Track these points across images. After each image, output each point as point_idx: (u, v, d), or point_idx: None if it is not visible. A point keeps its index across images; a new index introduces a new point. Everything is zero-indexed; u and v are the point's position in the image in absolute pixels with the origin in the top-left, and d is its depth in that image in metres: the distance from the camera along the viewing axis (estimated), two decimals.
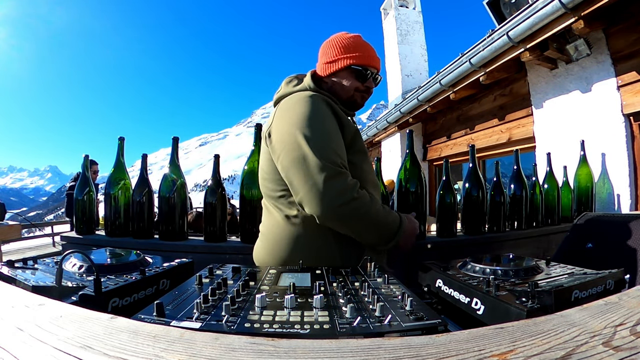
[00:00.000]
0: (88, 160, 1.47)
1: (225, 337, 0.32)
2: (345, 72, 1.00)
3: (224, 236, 1.31)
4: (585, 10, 1.75)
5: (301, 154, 0.83)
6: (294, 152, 0.84)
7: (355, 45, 1.00)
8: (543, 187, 1.73)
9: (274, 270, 0.73)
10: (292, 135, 0.85)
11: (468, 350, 0.29)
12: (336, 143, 0.87)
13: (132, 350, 0.29)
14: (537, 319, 0.36)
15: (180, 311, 0.46)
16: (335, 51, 1.01)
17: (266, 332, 0.41)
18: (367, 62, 0.99)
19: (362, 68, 0.99)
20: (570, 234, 1.12)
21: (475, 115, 3.36)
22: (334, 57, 1.01)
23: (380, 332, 0.42)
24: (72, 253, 0.59)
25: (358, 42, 1.01)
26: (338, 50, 1.00)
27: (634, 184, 1.95)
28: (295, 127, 0.85)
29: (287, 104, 0.93)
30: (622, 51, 1.94)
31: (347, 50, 1.00)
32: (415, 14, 5.40)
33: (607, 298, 0.40)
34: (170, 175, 1.32)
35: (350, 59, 0.99)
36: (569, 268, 0.71)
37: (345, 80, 1.00)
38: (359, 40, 1.02)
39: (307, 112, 0.87)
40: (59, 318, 0.36)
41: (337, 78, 1.01)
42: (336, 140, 0.88)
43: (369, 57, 1.00)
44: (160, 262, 0.79)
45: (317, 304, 0.49)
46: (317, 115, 0.87)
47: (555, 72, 2.33)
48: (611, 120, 1.99)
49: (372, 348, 0.29)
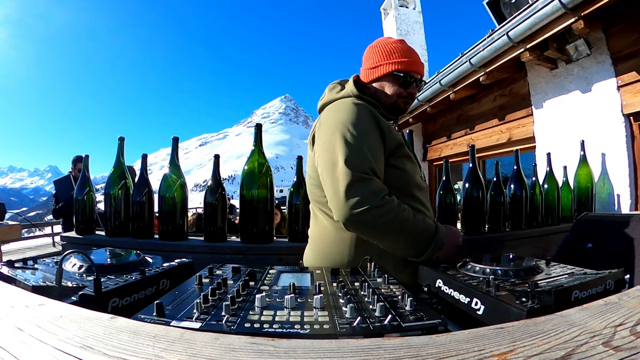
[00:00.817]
0: (88, 160, 1.47)
1: (225, 337, 0.32)
2: (388, 78, 1.00)
3: (224, 236, 1.31)
4: (585, 10, 1.75)
5: (333, 159, 0.85)
6: (327, 157, 0.86)
7: (398, 51, 0.99)
8: (543, 187, 1.73)
9: (274, 270, 0.73)
10: (330, 141, 0.87)
11: (468, 350, 0.29)
12: (370, 149, 0.86)
13: (132, 350, 0.29)
14: (537, 319, 0.36)
15: (180, 311, 0.46)
16: (378, 57, 1.00)
17: (266, 332, 0.41)
18: (410, 68, 0.98)
19: (405, 74, 0.98)
20: (570, 234, 1.12)
21: (475, 116, 3.36)
22: (377, 63, 1.00)
23: (380, 332, 0.42)
24: (72, 253, 0.59)
25: (401, 47, 1.00)
26: (381, 56, 1.00)
27: (634, 184, 1.95)
28: (333, 133, 0.87)
29: (330, 111, 0.95)
30: (622, 51, 1.94)
31: (389, 56, 0.99)
32: (415, 14, 5.40)
33: (607, 298, 0.40)
34: (170, 176, 1.32)
35: (393, 64, 0.98)
36: (569, 268, 0.71)
37: (388, 86, 1.00)
38: (402, 45, 1.01)
39: (347, 118, 0.88)
40: (59, 318, 0.36)
41: (380, 84, 1.01)
42: (371, 146, 0.87)
43: (412, 63, 0.99)
44: (160, 262, 0.79)
45: (317, 304, 0.49)
46: (356, 121, 0.88)
47: (555, 72, 2.33)
48: (611, 120, 1.99)
49: (372, 348, 0.29)
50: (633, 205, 1.94)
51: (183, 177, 1.35)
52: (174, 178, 1.32)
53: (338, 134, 0.86)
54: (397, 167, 0.94)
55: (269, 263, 0.92)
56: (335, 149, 0.85)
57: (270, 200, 1.28)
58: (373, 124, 0.90)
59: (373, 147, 0.88)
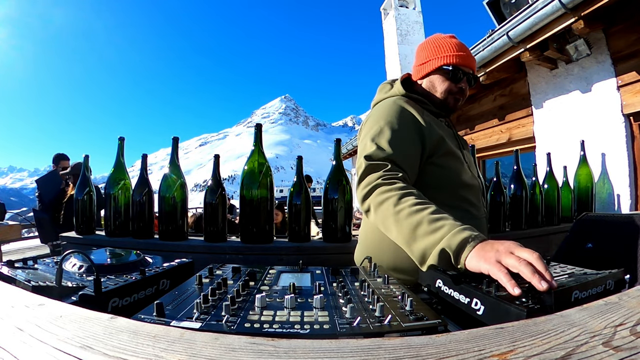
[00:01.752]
0: (88, 160, 1.47)
1: (225, 337, 0.32)
2: (437, 73, 0.98)
3: (224, 236, 1.31)
4: (585, 10, 1.75)
5: (359, 154, 0.88)
6: (358, 153, 0.89)
7: (446, 46, 0.96)
8: (543, 187, 1.73)
9: (274, 270, 0.73)
10: (363, 139, 0.91)
11: (468, 350, 0.29)
12: (393, 139, 0.85)
13: (132, 351, 0.29)
14: (537, 319, 0.36)
15: (180, 311, 0.46)
16: (426, 53, 0.99)
17: (266, 332, 0.41)
18: (458, 61, 0.95)
19: (455, 68, 0.95)
20: (570, 234, 1.12)
21: (475, 115, 3.36)
22: (425, 59, 0.99)
23: (380, 332, 0.41)
24: (72, 253, 0.59)
25: (449, 42, 0.97)
26: (429, 52, 0.98)
27: (634, 184, 1.95)
28: (367, 132, 0.90)
29: (372, 111, 0.97)
30: (622, 51, 1.94)
31: (437, 51, 0.97)
32: (415, 14, 5.40)
33: (607, 298, 0.40)
34: (170, 176, 1.32)
35: (441, 59, 0.96)
36: (569, 268, 0.71)
37: (438, 82, 0.98)
38: (450, 40, 0.98)
39: (381, 116, 0.90)
40: (59, 318, 0.36)
41: (430, 81, 1.00)
42: (398, 141, 0.85)
43: (461, 57, 0.95)
44: (160, 262, 0.79)
45: (317, 304, 0.49)
46: (389, 119, 0.88)
47: (555, 72, 2.33)
48: (611, 120, 1.99)
49: (372, 348, 0.29)
50: (633, 205, 1.94)
51: (183, 177, 1.35)
52: (174, 178, 1.32)
53: (371, 131, 0.88)
54: (439, 165, 0.91)
55: (269, 263, 0.92)
56: (365, 145, 0.87)
57: (270, 200, 1.28)
58: (409, 122, 0.89)
59: (401, 142, 0.86)
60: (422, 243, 0.67)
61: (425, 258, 0.66)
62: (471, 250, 0.59)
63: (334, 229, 1.29)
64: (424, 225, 0.67)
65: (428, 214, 0.68)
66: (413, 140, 0.88)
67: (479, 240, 0.60)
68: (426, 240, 0.66)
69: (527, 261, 0.51)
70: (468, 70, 0.97)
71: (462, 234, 0.62)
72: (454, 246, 0.61)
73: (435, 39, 0.99)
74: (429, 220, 0.67)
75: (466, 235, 0.61)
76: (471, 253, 0.59)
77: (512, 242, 0.57)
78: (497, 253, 0.55)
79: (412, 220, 0.69)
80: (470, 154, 1.11)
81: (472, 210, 0.96)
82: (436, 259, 0.63)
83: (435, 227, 0.66)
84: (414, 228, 0.68)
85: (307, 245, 1.27)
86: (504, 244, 0.56)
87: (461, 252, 0.60)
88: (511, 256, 0.53)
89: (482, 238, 0.60)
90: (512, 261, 0.52)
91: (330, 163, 1.38)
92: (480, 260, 0.57)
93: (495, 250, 0.56)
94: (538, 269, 0.50)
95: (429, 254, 0.65)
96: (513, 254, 0.54)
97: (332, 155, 1.36)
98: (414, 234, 0.68)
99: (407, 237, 0.70)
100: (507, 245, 0.56)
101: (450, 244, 0.61)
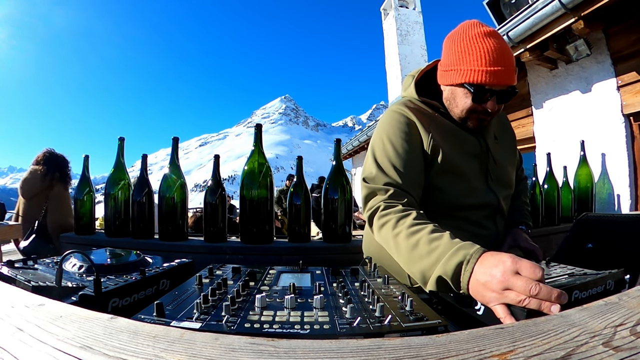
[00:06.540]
0: (88, 160, 1.47)
1: (225, 337, 0.32)
2: (459, 88, 0.81)
3: (224, 236, 1.31)
4: (585, 10, 1.75)
5: (362, 170, 0.88)
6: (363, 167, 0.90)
7: (477, 54, 0.75)
8: (543, 187, 1.73)
9: (274, 270, 0.73)
10: (368, 150, 0.90)
11: (468, 350, 0.29)
12: (396, 158, 0.82)
13: (132, 351, 0.29)
14: (537, 319, 0.36)
15: (180, 311, 0.46)
16: (451, 57, 0.80)
17: (266, 332, 0.41)
18: (487, 80, 0.75)
19: (479, 88, 0.77)
20: (570, 234, 1.12)
21: None
22: (449, 67, 0.81)
23: (380, 332, 0.42)
24: (72, 253, 0.59)
25: (483, 47, 0.75)
26: (454, 57, 0.79)
27: (634, 184, 1.95)
28: (371, 144, 0.90)
29: (381, 118, 0.95)
30: (622, 51, 1.94)
31: (464, 60, 0.77)
32: (415, 14, 5.40)
33: (607, 298, 0.40)
34: (170, 176, 1.32)
35: (466, 74, 0.77)
36: (569, 268, 0.71)
37: (459, 96, 0.82)
38: (485, 44, 0.76)
39: (384, 128, 0.89)
40: (59, 318, 0.36)
41: (450, 91, 0.85)
42: (397, 156, 0.82)
43: (492, 74, 0.75)
44: (160, 262, 0.79)
45: (317, 304, 0.49)
46: (391, 129, 0.87)
47: (555, 73, 2.33)
48: (611, 120, 1.99)
49: (372, 348, 0.29)
50: (633, 205, 1.94)
51: (183, 178, 1.35)
52: (174, 178, 1.32)
53: (374, 146, 0.88)
54: (435, 185, 0.85)
55: (269, 263, 0.92)
56: (367, 160, 0.87)
57: (270, 200, 1.28)
58: (412, 138, 0.84)
59: (404, 163, 0.82)
60: (419, 265, 0.64)
61: (426, 280, 0.63)
62: (469, 276, 0.55)
63: (334, 229, 1.29)
64: (420, 246, 0.65)
65: (425, 234, 0.65)
66: (416, 157, 0.84)
67: (474, 262, 0.56)
68: (423, 263, 0.63)
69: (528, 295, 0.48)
70: (500, 87, 0.77)
71: (456, 257, 0.58)
72: (450, 273, 0.57)
73: (466, 38, 0.78)
74: (425, 242, 0.65)
75: (460, 259, 0.57)
76: (470, 282, 0.55)
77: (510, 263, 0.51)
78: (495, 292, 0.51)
79: (408, 243, 0.67)
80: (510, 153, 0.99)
81: (477, 230, 0.88)
82: (434, 285, 0.61)
83: (431, 248, 0.63)
84: (410, 250, 0.66)
85: (307, 246, 1.27)
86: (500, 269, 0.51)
87: (459, 277, 0.57)
88: (511, 292, 0.50)
89: (477, 256, 0.56)
90: (514, 296, 0.49)
91: (330, 163, 1.38)
92: (481, 298, 0.55)
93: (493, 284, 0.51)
94: (542, 296, 0.47)
95: (428, 276, 0.63)
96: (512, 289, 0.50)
97: (332, 155, 1.36)
98: (411, 257, 0.66)
99: (405, 260, 0.68)
100: (505, 270, 0.51)
101: (446, 271, 0.58)
